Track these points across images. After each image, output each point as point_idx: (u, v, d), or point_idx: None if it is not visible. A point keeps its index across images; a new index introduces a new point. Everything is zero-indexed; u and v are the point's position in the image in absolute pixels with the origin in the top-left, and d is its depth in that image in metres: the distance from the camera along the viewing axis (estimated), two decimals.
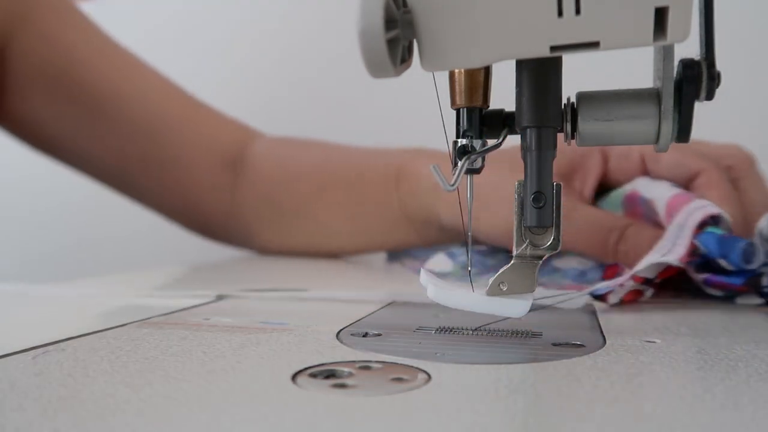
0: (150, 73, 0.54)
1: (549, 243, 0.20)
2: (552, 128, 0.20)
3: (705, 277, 0.28)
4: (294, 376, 0.16)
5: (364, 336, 0.21)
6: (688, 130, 0.19)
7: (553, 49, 0.17)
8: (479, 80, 0.20)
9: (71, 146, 0.53)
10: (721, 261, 0.28)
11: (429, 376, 0.16)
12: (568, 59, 0.19)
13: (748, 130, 0.61)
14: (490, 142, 0.21)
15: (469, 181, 0.22)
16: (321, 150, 0.54)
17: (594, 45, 0.17)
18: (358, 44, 0.17)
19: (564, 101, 0.20)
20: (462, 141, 0.21)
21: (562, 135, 0.20)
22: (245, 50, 0.82)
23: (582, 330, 0.22)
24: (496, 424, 0.13)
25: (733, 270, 0.28)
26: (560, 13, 0.17)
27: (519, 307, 0.20)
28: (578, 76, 0.23)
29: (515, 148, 0.20)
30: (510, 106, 0.21)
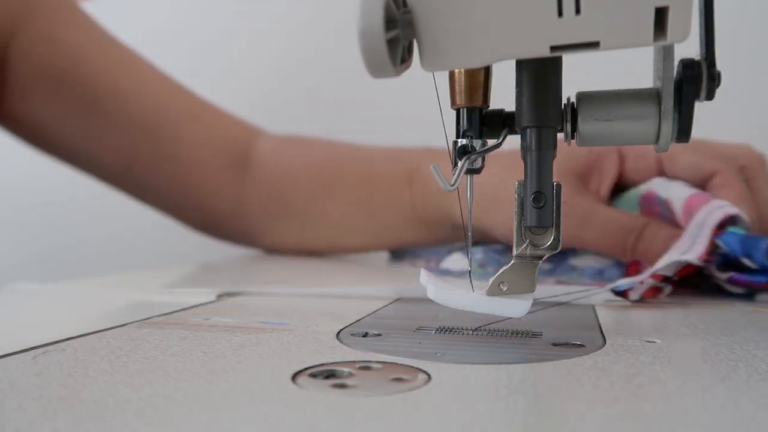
0: (154, 72, 0.54)
1: (549, 243, 0.20)
2: (552, 128, 0.20)
3: (729, 275, 0.29)
4: (294, 376, 0.16)
5: (364, 336, 0.21)
6: (688, 130, 0.19)
7: (553, 49, 0.17)
8: (479, 80, 0.20)
9: (73, 146, 0.53)
10: (745, 260, 0.28)
11: (429, 376, 0.16)
12: (568, 59, 0.19)
13: (748, 130, 0.61)
14: (490, 142, 0.21)
15: (469, 181, 0.22)
16: (328, 148, 0.54)
17: (594, 45, 0.17)
18: (358, 44, 0.17)
19: (564, 101, 0.20)
20: (462, 141, 0.21)
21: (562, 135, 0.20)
22: (243, 50, 0.82)
23: (582, 330, 0.22)
24: (496, 424, 0.13)
25: (757, 268, 0.29)
26: (560, 13, 0.17)
27: (519, 307, 0.20)
28: (578, 76, 0.23)
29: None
30: (510, 106, 0.21)
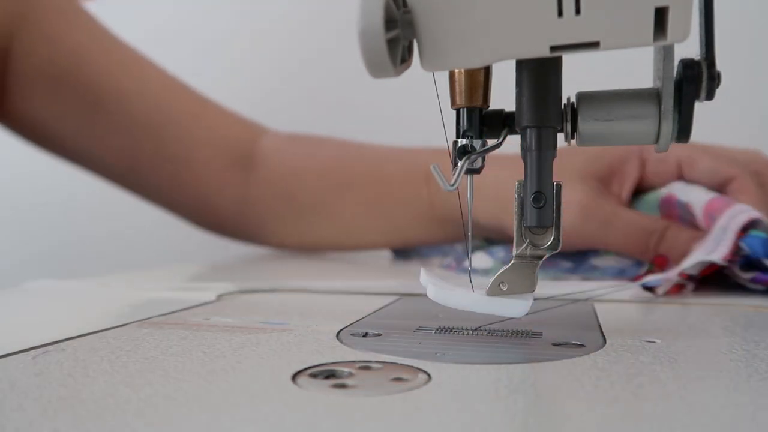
0: (156, 72, 0.54)
1: (549, 243, 0.20)
2: (552, 128, 0.20)
3: (752, 275, 0.31)
4: (294, 376, 0.16)
5: (364, 336, 0.21)
6: (688, 130, 0.19)
7: (553, 49, 0.17)
8: (479, 80, 0.20)
9: (75, 145, 0.53)
10: (766, 261, 0.31)
11: (429, 376, 0.16)
12: (568, 59, 0.19)
13: (748, 130, 0.62)
14: (490, 142, 0.21)
15: (469, 181, 0.22)
16: (337, 148, 0.54)
17: (594, 45, 0.17)
18: (358, 44, 0.17)
19: (564, 101, 0.20)
20: (462, 141, 0.21)
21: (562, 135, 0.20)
22: (245, 50, 0.82)
23: (582, 330, 0.22)
24: (496, 424, 0.13)
25: None
26: (560, 13, 0.17)
27: (519, 307, 0.20)
28: (578, 76, 0.23)
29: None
30: (510, 106, 0.21)
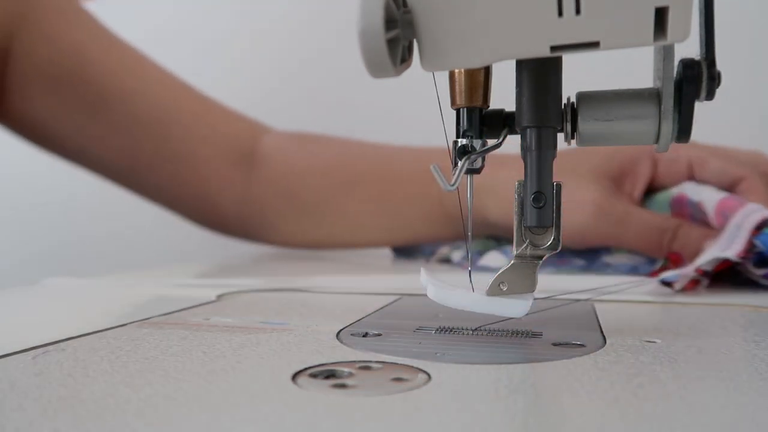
0: (157, 71, 0.54)
1: (549, 243, 0.20)
2: (552, 128, 0.20)
3: (765, 272, 0.33)
4: (294, 376, 0.16)
5: (364, 336, 0.21)
6: (688, 130, 0.19)
7: (553, 49, 0.17)
8: (479, 80, 0.20)
9: (76, 145, 0.53)
10: None
11: (429, 376, 0.16)
12: (568, 59, 0.19)
13: (748, 130, 0.62)
14: (490, 142, 0.21)
15: (469, 181, 0.22)
16: (341, 146, 0.54)
17: (594, 45, 0.17)
18: (358, 44, 0.17)
19: (564, 101, 0.20)
20: (462, 141, 0.21)
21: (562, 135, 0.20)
22: (245, 50, 0.82)
23: (582, 330, 0.22)
24: (496, 424, 0.13)
25: None
26: (560, 13, 0.17)
27: (519, 307, 0.20)
28: (578, 76, 0.23)
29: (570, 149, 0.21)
30: (510, 106, 0.21)
